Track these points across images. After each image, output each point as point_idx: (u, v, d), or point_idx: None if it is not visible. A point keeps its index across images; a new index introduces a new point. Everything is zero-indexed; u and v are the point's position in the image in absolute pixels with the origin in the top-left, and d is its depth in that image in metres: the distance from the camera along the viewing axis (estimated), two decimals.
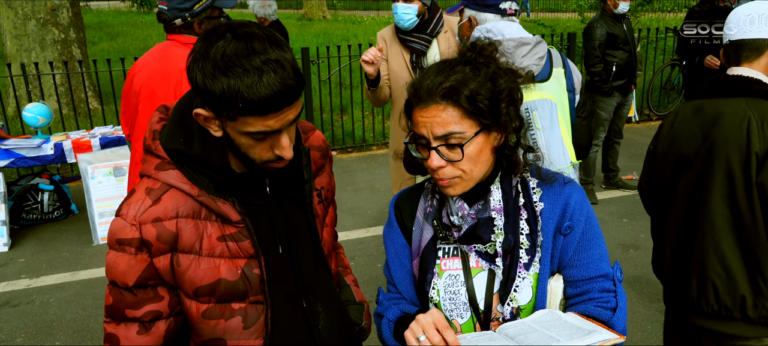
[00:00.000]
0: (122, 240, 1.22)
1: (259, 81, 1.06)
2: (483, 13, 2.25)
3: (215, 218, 1.26)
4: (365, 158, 7.05)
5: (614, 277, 1.31)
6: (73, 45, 8.19)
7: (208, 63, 1.08)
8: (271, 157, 1.20)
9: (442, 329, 1.15)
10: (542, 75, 2.12)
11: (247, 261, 1.29)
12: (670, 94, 8.41)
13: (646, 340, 3.37)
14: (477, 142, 1.22)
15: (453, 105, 1.19)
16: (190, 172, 1.24)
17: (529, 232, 1.30)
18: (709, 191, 1.81)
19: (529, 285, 1.29)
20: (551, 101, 2.08)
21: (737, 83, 1.81)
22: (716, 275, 1.82)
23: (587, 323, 1.20)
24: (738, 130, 1.75)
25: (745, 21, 1.81)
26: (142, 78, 2.59)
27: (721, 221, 1.80)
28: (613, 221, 4.97)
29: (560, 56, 2.23)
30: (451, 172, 1.24)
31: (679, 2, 19.50)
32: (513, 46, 2.07)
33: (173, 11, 2.51)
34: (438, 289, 1.34)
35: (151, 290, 1.26)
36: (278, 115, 1.12)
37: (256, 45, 1.08)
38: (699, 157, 1.86)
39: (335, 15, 24.03)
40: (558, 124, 2.09)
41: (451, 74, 1.21)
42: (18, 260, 4.63)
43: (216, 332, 1.31)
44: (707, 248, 1.83)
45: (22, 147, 4.83)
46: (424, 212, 1.39)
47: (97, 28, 18.96)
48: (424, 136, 1.23)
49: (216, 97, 1.09)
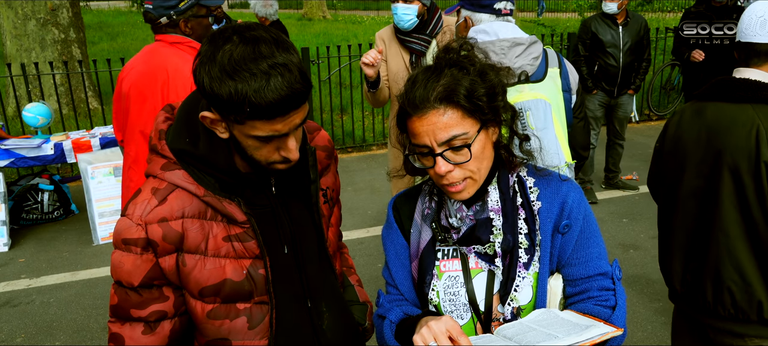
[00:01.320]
0: (128, 240, 1.22)
1: (267, 85, 1.06)
2: (478, 14, 2.26)
3: (221, 218, 1.26)
4: (365, 158, 7.05)
5: (613, 275, 1.31)
6: (73, 45, 8.19)
7: (215, 66, 1.07)
8: (278, 158, 1.20)
9: (456, 335, 1.14)
10: (537, 75, 2.12)
11: (252, 261, 1.29)
12: (670, 95, 8.41)
13: (646, 340, 3.37)
14: (480, 139, 1.23)
15: (452, 107, 1.19)
16: (196, 172, 1.24)
17: (527, 231, 1.30)
18: (720, 199, 1.80)
19: (529, 285, 1.29)
20: (545, 101, 2.08)
21: (744, 89, 1.77)
22: (732, 282, 1.81)
23: (585, 319, 1.20)
24: (746, 139, 1.72)
25: (758, 23, 1.77)
26: (130, 80, 2.56)
27: (734, 229, 1.78)
28: (613, 221, 4.97)
29: (557, 56, 2.23)
30: (460, 174, 1.23)
31: (679, 2, 19.49)
32: (507, 46, 2.08)
33: (158, 10, 2.49)
34: (437, 290, 1.34)
35: (157, 290, 1.26)
36: (285, 118, 1.12)
37: (263, 49, 1.08)
38: (706, 164, 1.84)
39: (335, 15, 24.02)
40: (552, 124, 2.09)
41: (441, 78, 1.20)
42: (18, 260, 4.62)
43: (221, 333, 1.31)
44: (722, 256, 1.82)
45: (22, 147, 4.82)
46: (422, 214, 1.39)
47: (97, 28, 18.95)
48: (427, 144, 1.21)
49: (223, 101, 1.08)
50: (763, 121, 1.71)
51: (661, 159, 2.07)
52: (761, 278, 1.78)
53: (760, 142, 1.70)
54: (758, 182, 1.71)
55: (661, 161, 2.06)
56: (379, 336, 1.43)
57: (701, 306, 1.92)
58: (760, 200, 1.73)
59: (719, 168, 1.79)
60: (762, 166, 1.70)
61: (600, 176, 5.85)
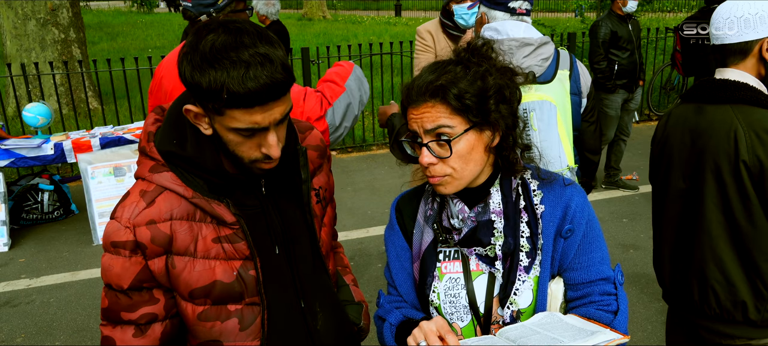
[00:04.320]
0: (117, 243, 1.22)
1: (246, 73, 1.06)
2: (493, 11, 2.24)
3: (210, 219, 1.26)
4: (365, 158, 7.05)
5: (615, 280, 1.30)
6: (73, 45, 8.19)
7: (196, 55, 1.07)
8: (259, 156, 1.20)
9: (445, 333, 1.16)
10: (545, 76, 2.10)
11: (242, 262, 1.29)
12: (670, 95, 8.42)
13: (646, 340, 3.37)
14: (467, 139, 1.22)
15: (442, 102, 1.20)
16: (184, 173, 1.24)
17: (529, 235, 1.29)
18: (703, 199, 1.81)
19: (530, 288, 1.28)
20: (551, 103, 2.06)
21: (724, 89, 1.78)
22: (716, 281, 1.82)
23: (589, 325, 1.19)
24: (726, 139, 1.73)
25: (725, 24, 1.77)
26: (174, 80, 2.56)
27: (717, 229, 1.80)
28: (613, 221, 4.97)
29: (569, 58, 2.19)
30: (442, 169, 1.24)
31: (679, 2, 19.49)
32: (515, 45, 2.06)
33: (198, 8, 2.47)
34: (438, 292, 1.33)
35: (147, 293, 1.26)
36: (264, 109, 1.11)
37: (245, 39, 1.08)
38: (689, 165, 1.85)
39: (335, 15, 24.02)
40: (556, 126, 2.07)
41: (443, 74, 1.22)
42: (18, 260, 4.63)
43: (212, 334, 1.31)
44: (705, 256, 1.83)
45: (22, 147, 4.83)
46: (425, 215, 1.39)
47: (97, 28, 18.95)
48: (415, 131, 1.24)
49: (202, 89, 1.08)
50: (741, 121, 1.72)
51: (653, 159, 2.08)
52: (745, 278, 1.79)
53: (738, 142, 1.71)
54: (739, 181, 1.72)
55: (653, 161, 2.08)
56: (379, 337, 1.43)
57: (690, 306, 1.93)
58: (742, 200, 1.73)
59: (702, 169, 1.80)
60: (741, 166, 1.71)
61: (600, 174, 5.85)
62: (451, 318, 1.32)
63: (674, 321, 2.13)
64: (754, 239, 1.75)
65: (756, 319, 1.81)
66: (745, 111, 1.73)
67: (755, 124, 1.70)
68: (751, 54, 1.77)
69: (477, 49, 1.28)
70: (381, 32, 17.06)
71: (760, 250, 1.76)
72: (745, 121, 1.72)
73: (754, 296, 1.80)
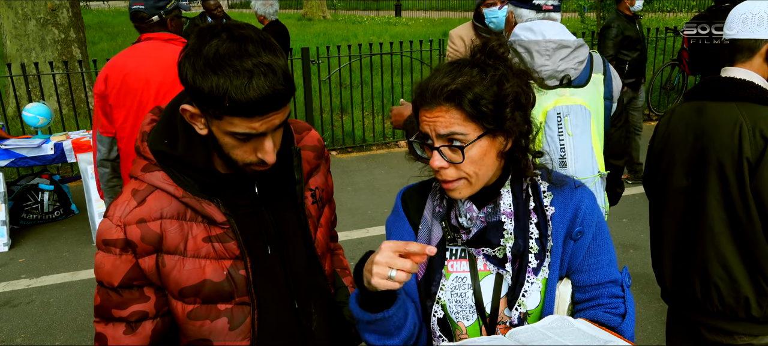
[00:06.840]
0: (108, 241, 1.23)
1: (249, 83, 1.06)
2: (520, 9, 2.17)
3: (201, 219, 1.26)
4: (365, 158, 7.05)
5: (623, 282, 1.30)
6: (73, 45, 8.19)
7: (200, 60, 1.08)
8: (254, 160, 1.20)
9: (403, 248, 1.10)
10: (580, 80, 2.06)
11: (232, 262, 1.29)
12: (670, 95, 8.41)
13: (646, 340, 3.37)
14: (480, 145, 1.20)
15: (456, 108, 1.17)
16: (175, 173, 1.24)
17: (538, 236, 1.28)
18: (706, 196, 1.81)
19: (538, 290, 1.27)
20: (585, 108, 2.01)
21: (729, 87, 1.79)
22: (719, 278, 1.82)
23: (600, 332, 1.17)
24: (730, 136, 1.74)
25: (739, 20, 1.79)
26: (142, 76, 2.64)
27: (719, 226, 1.80)
28: (613, 221, 4.97)
29: (602, 61, 2.14)
30: (454, 173, 1.22)
31: (679, 2, 19.49)
32: (552, 47, 2.01)
33: (150, 9, 2.78)
34: (446, 290, 1.32)
35: (137, 291, 1.27)
36: (264, 118, 1.12)
37: (249, 47, 1.08)
38: (692, 162, 1.85)
39: (335, 15, 24.02)
40: (590, 132, 2.03)
41: (458, 76, 1.19)
42: (18, 260, 4.63)
43: (202, 333, 1.31)
44: (708, 253, 1.83)
45: (22, 147, 4.83)
46: (433, 211, 1.37)
47: (97, 28, 18.94)
48: (427, 133, 1.21)
49: (204, 94, 1.09)
50: (746, 118, 1.73)
51: (650, 159, 2.08)
52: (747, 275, 1.80)
53: (742, 138, 1.71)
54: (741, 178, 1.73)
55: (650, 162, 2.08)
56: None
57: (691, 303, 1.93)
58: (743, 197, 1.74)
59: (705, 166, 1.80)
60: (744, 163, 1.71)
61: None
62: (456, 317, 1.31)
63: (674, 321, 2.13)
64: (754, 236, 1.76)
65: (758, 315, 1.81)
66: (751, 109, 1.74)
67: (760, 122, 1.70)
68: (758, 53, 1.78)
69: (493, 51, 1.24)
70: (381, 32, 17.05)
71: (760, 247, 1.76)
72: (750, 118, 1.72)
73: (756, 292, 1.80)
